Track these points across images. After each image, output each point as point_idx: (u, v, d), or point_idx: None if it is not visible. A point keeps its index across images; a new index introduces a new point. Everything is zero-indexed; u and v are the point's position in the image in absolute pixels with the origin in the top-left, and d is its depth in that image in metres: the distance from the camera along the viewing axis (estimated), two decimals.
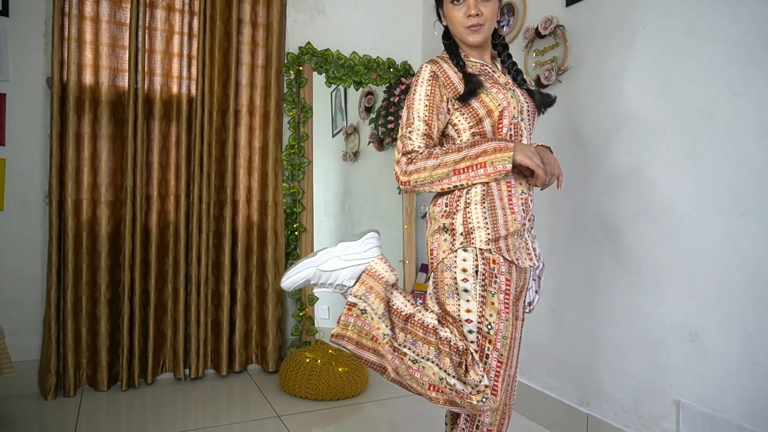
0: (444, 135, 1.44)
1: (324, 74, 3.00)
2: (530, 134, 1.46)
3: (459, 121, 1.40)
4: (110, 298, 2.54)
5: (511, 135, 1.38)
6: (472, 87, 1.35)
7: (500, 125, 1.37)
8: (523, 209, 1.38)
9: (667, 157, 1.81)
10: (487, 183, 1.34)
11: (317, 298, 2.93)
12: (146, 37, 2.59)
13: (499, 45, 1.52)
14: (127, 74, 2.56)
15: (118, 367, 2.56)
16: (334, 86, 3.08)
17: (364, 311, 1.35)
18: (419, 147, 1.38)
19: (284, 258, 2.87)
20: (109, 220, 2.53)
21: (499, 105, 1.36)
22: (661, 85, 1.83)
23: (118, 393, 2.52)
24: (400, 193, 3.21)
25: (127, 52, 2.56)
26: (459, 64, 1.40)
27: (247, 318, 2.82)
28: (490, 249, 1.32)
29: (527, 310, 1.56)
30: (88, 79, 2.50)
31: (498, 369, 1.30)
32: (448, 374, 1.28)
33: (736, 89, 1.61)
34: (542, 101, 1.47)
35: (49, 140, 2.45)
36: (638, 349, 1.90)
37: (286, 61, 2.91)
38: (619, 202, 1.98)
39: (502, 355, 1.31)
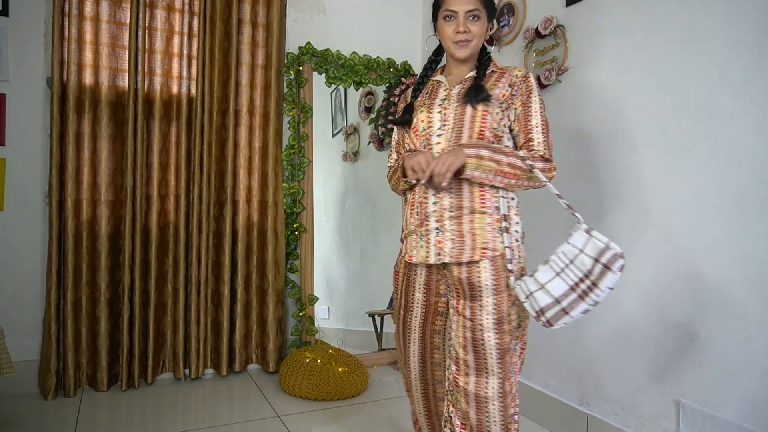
0: None
1: (324, 74, 3.00)
2: (455, 135, 1.46)
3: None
4: (110, 298, 2.54)
5: (423, 145, 1.52)
6: (399, 119, 1.60)
7: (416, 137, 1.55)
8: (417, 212, 1.52)
9: (667, 157, 1.81)
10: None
11: (317, 298, 2.93)
12: (146, 37, 2.59)
13: (485, 60, 1.56)
14: (127, 74, 2.56)
15: (118, 367, 2.56)
16: (334, 86, 3.08)
17: None
18: (392, 162, 1.69)
19: (284, 258, 2.87)
20: (109, 220, 2.53)
21: (414, 122, 1.55)
22: (661, 84, 1.83)
23: (118, 393, 2.52)
24: None
25: (127, 52, 2.56)
26: (415, 90, 1.61)
27: (247, 318, 2.82)
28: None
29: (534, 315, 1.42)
30: (88, 79, 2.50)
31: (397, 337, 1.68)
32: None
33: (736, 89, 1.61)
34: (472, 96, 1.46)
35: (49, 140, 2.45)
36: (638, 349, 1.90)
37: (286, 61, 2.91)
38: (620, 202, 1.97)
39: (398, 329, 1.66)
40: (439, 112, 1.49)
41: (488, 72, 1.53)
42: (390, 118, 3.09)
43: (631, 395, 1.93)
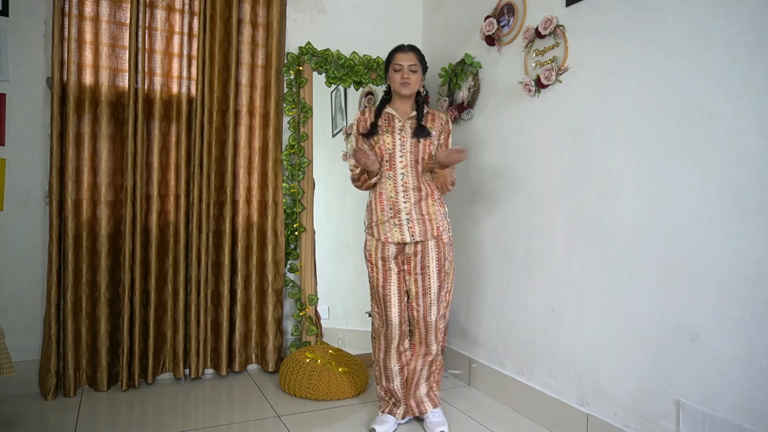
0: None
1: (324, 74, 3.00)
2: (413, 157, 2.15)
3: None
4: (110, 298, 2.54)
5: (386, 159, 2.15)
6: (369, 132, 2.18)
7: (381, 153, 2.16)
8: (389, 206, 2.14)
9: (667, 157, 1.81)
10: (372, 191, 2.21)
11: (317, 298, 2.93)
12: (146, 37, 2.59)
13: (420, 97, 2.23)
14: (127, 74, 2.56)
15: (118, 367, 2.56)
16: (334, 86, 3.08)
17: None
18: (353, 165, 2.22)
19: (284, 258, 2.87)
20: (109, 220, 2.53)
21: (378, 142, 2.17)
22: (661, 85, 1.83)
23: (118, 393, 2.52)
24: None
25: (127, 52, 2.56)
26: (377, 115, 2.21)
27: (246, 318, 2.82)
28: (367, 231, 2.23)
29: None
30: (88, 79, 2.50)
31: (376, 299, 2.19)
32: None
33: (736, 89, 1.61)
34: (419, 132, 2.15)
35: (49, 140, 2.45)
36: (638, 349, 1.90)
37: (286, 61, 2.91)
38: (619, 202, 1.98)
39: (379, 297, 2.19)
40: (400, 139, 2.16)
41: (425, 112, 2.22)
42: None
43: (631, 395, 1.93)
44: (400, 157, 2.14)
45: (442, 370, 2.32)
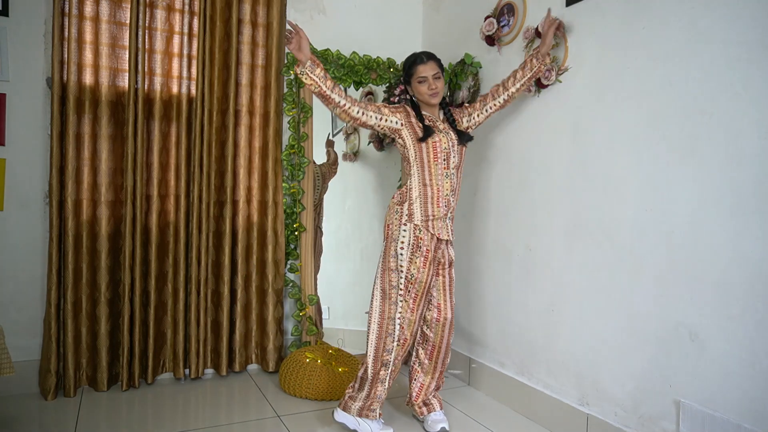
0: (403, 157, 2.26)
1: None
2: (459, 158, 2.21)
3: (412, 147, 2.18)
4: (110, 298, 2.54)
5: (444, 159, 2.16)
6: (425, 136, 2.15)
7: (436, 153, 2.15)
8: (444, 203, 2.17)
9: (667, 157, 1.81)
10: (428, 186, 2.15)
11: (317, 298, 2.93)
12: (146, 37, 2.59)
13: (444, 104, 2.27)
14: (127, 74, 2.56)
15: (118, 367, 2.56)
16: None
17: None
18: (360, 109, 2.14)
19: (284, 258, 2.87)
20: (109, 220, 2.53)
21: (436, 142, 2.15)
22: (661, 85, 1.83)
23: (118, 393, 2.52)
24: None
25: (127, 52, 2.56)
26: (420, 119, 2.20)
27: (246, 318, 2.82)
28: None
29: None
30: (88, 79, 2.50)
31: (415, 298, 2.13)
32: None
33: (736, 89, 1.61)
34: (463, 138, 2.22)
35: (49, 140, 2.45)
36: (638, 349, 1.90)
37: (286, 61, 2.91)
38: (619, 202, 1.98)
39: (415, 293, 2.13)
40: (449, 139, 2.18)
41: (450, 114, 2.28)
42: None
43: (631, 395, 1.93)
44: (453, 158, 2.19)
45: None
